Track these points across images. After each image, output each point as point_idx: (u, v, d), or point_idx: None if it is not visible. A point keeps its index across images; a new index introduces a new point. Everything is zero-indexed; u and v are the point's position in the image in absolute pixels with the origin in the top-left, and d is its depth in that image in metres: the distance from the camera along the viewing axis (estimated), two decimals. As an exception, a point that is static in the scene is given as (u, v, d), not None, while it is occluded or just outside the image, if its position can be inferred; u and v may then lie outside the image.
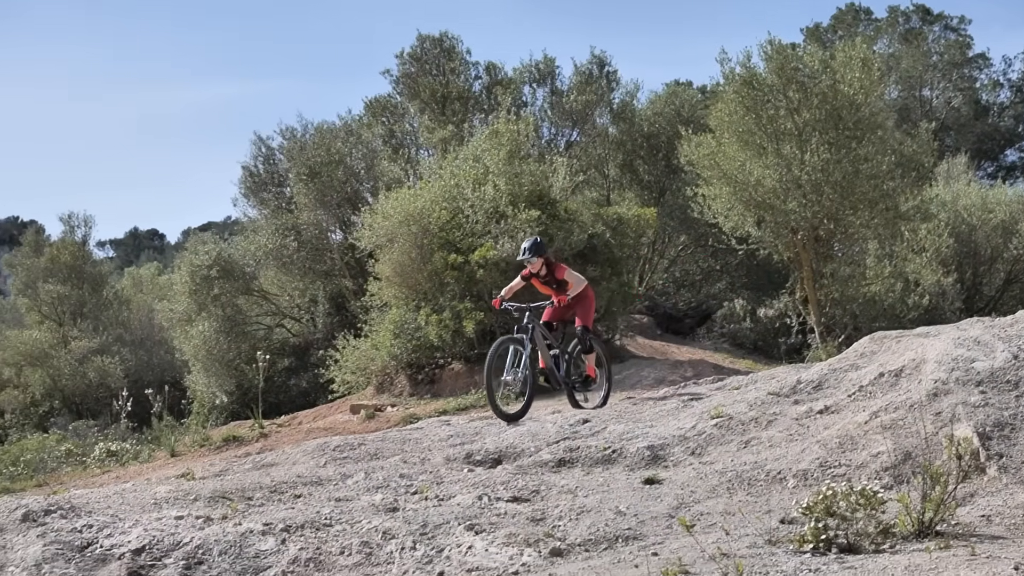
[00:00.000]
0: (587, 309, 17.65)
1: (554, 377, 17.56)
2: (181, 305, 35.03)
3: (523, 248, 17.39)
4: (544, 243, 17.81)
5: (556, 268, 17.47)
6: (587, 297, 17.72)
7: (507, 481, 12.15)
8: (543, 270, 17.45)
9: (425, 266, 25.15)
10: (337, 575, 9.45)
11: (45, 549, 10.64)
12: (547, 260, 17.51)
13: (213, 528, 10.69)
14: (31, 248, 48.52)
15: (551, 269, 17.46)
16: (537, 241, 17.43)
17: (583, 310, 17.53)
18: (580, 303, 17.51)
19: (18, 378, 44.22)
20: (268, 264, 33.56)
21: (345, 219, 33.39)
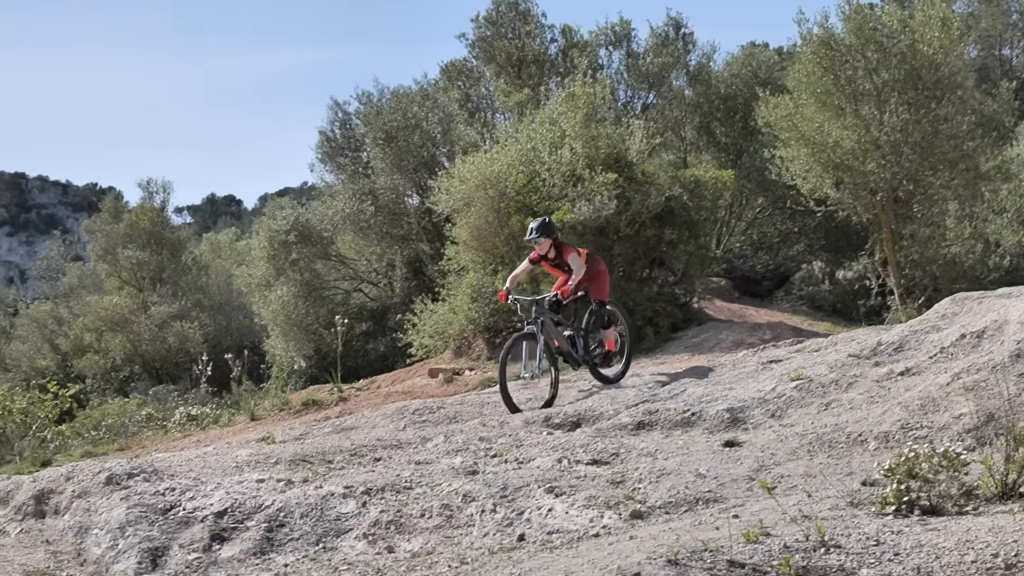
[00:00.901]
0: (600, 284, 17.07)
1: (572, 358, 17.09)
2: (259, 270, 35.14)
3: (531, 228, 16.95)
4: (553, 223, 17.38)
5: (564, 250, 16.93)
6: (599, 272, 17.13)
7: (586, 444, 12.15)
8: (551, 252, 16.90)
9: (502, 230, 25.10)
10: (418, 537, 9.50)
11: (129, 512, 10.76)
12: (556, 241, 16.96)
13: (294, 491, 10.78)
14: (110, 214, 48.76)
15: (560, 251, 16.91)
16: (546, 221, 17.01)
17: (596, 285, 16.98)
18: (592, 279, 16.93)
19: (99, 343, 44.54)
20: (345, 229, 33.59)
21: (421, 183, 33.40)
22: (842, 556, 7.05)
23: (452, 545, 9.22)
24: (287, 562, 9.41)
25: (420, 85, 37.05)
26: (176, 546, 10.13)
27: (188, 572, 9.68)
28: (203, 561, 9.83)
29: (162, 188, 48.29)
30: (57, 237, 73.78)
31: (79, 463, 13.28)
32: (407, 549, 9.28)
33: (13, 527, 11.65)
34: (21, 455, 21.41)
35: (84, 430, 24.37)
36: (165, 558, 9.99)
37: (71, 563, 10.37)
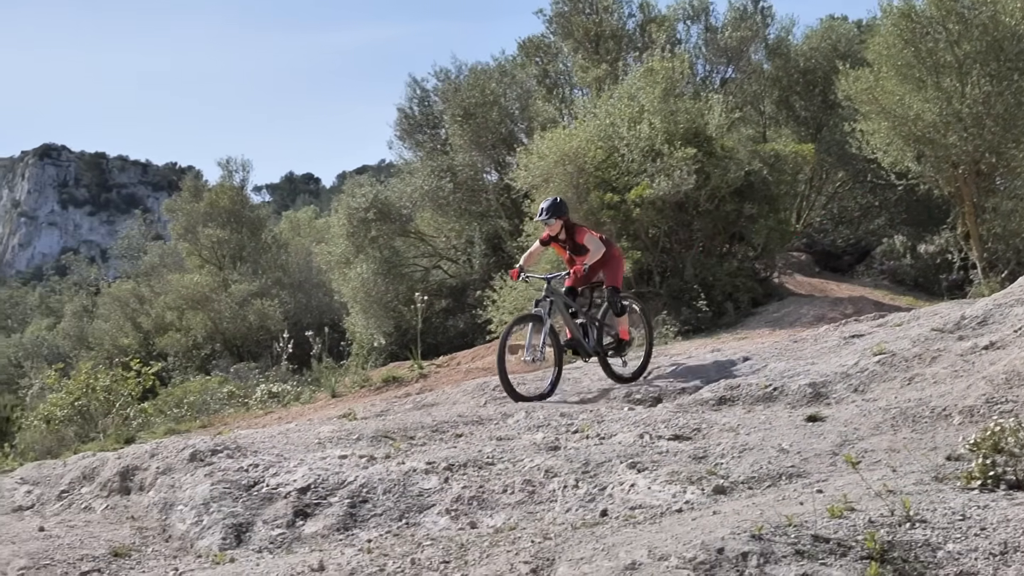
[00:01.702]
0: (614, 270, 16.24)
1: (582, 348, 16.01)
2: (339, 248, 35.29)
3: (541, 209, 16.16)
4: (564, 204, 16.35)
5: (577, 231, 16.07)
6: (613, 257, 16.24)
7: (668, 419, 12.12)
8: (562, 233, 16.07)
9: (581, 205, 25.07)
10: (500, 513, 9.51)
11: (213, 488, 10.82)
12: (567, 222, 16.11)
13: (377, 467, 10.81)
14: (190, 193, 49.11)
15: (571, 232, 16.07)
16: (556, 201, 16.12)
17: (610, 271, 16.16)
18: (606, 264, 16.09)
19: (180, 321, 44.90)
20: (424, 206, 33.68)
21: (500, 160, 33.41)
22: (927, 531, 6.99)
23: (535, 520, 9.22)
24: (370, 537, 9.44)
25: (498, 62, 37.08)
26: (260, 522, 10.19)
27: (272, 548, 9.74)
28: (287, 537, 9.88)
29: (241, 167, 48.62)
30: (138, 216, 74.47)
31: (163, 440, 13.38)
32: (490, 524, 9.30)
33: (99, 503, 11.76)
34: (105, 432, 21.64)
35: (166, 408, 24.58)
36: (249, 534, 10.05)
37: (156, 539, 10.45)
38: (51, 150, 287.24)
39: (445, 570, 7.97)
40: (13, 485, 12.77)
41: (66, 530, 10.78)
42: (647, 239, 25.17)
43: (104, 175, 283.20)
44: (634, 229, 24.95)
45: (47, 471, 13.07)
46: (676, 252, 25.73)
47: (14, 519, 11.74)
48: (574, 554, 7.77)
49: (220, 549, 9.75)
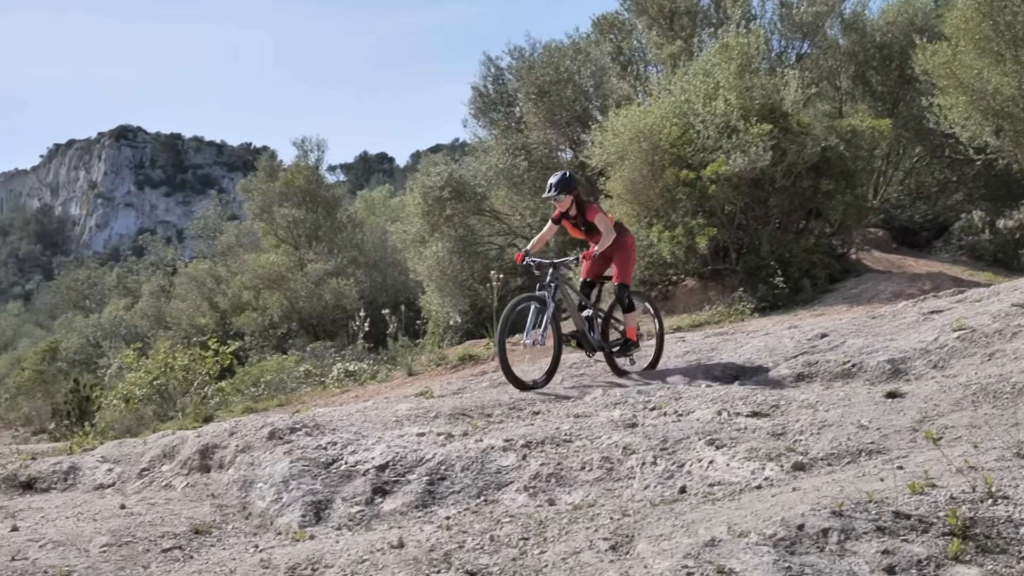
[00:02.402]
0: (625, 261, 15.44)
1: (586, 341, 15.22)
2: (414, 226, 35.33)
3: (549, 184, 15.20)
4: (574, 178, 15.34)
5: (587, 208, 15.31)
6: (626, 247, 15.44)
7: (745, 396, 12.08)
8: (573, 209, 15.25)
9: (656, 183, 25.02)
10: (579, 490, 9.51)
11: (292, 465, 10.89)
12: (578, 198, 15.27)
13: (454, 444, 10.84)
14: (266, 173, 49.28)
15: (582, 209, 15.29)
16: (565, 176, 15.18)
17: (621, 263, 15.38)
18: (618, 254, 15.36)
19: (256, 301, 45.14)
20: (499, 184, 33.65)
21: (575, 137, 33.34)
22: (1010, 507, 6.95)
23: (613, 497, 9.22)
24: (449, 515, 9.47)
25: (572, 39, 36.95)
26: (339, 499, 10.24)
27: (351, 525, 9.78)
28: (366, 514, 9.92)
29: (316, 146, 48.75)
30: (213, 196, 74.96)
31: (241, 418, 13.47)
32: (568, 501, 9.30)
33: (179, 481, 11.84)
34: (183, 411, 21.82)
35: (243, 386, 24.73)
36: (328, 511, 10.10)
37: (236, 516, 10.51)
38: (127, 131, 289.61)
39: (524, 547, 7.98)
40: (94, 463, 12.89)
41: (147, 508, 10.87)
42: (723, 216, 25.07)
43: (179, 156, 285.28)
44: (710, 206, 24.86)
45: (127, 449, 13.18)
46: (752, 229, 25.61)
47: (95, 497, 11.85)
48: (653, 531, 7.76)
49: (299, 526, 9.81)
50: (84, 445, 14.74)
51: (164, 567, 9.04)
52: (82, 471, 12.83)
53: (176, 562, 9.16)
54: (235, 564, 8.60)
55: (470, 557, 7.89)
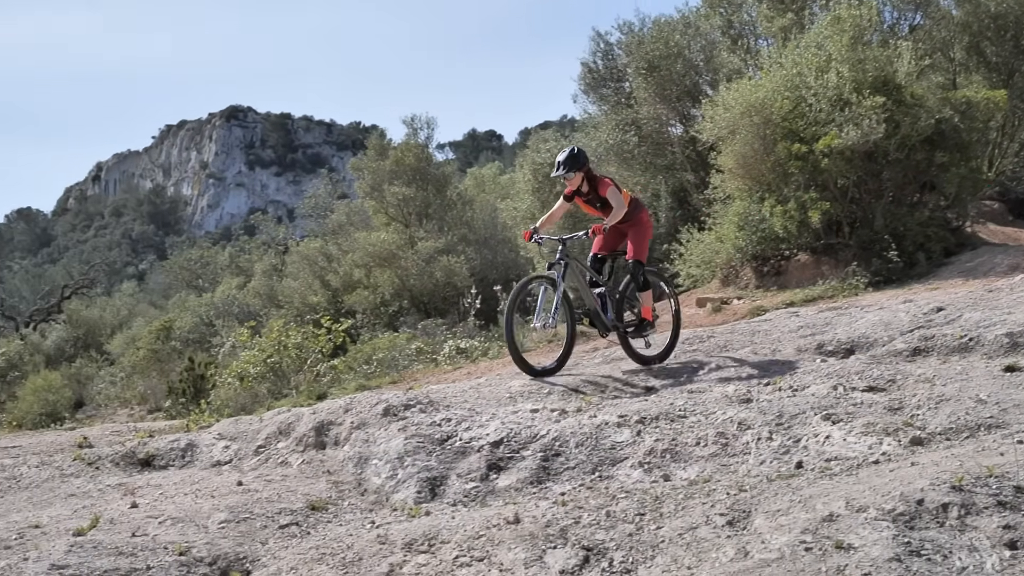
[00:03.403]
0: (641, 238, 14.70)
1: (600, 321, 14.56)
2: (524, 203, 35.35)
3: (557, 162, 14.48)
4: (583, 153, 14.54)
5: (600, 184, 14.51)
6: (641, 223, 14.76)
7: (861, 371, 11.99)
8: (584, 185, 14.51)
9: (768, 157, 24.85)
10: (694, 465, 9.49)
11: (407, 442, 10.94)
12: (589, 173, 14.50)
13: (568, 421, 10.85)
14: (376, 152, 49.33)
15: (594, 185, 14.52)
16: (573, 152, 14.43)
17: (636, 239, 14.64)
18: (633, 230, 14.66)
19: (368, 279, 45.28)
20: (609, 160, 33.50)
21: (685, 112, 33.17)
22: None
23: (729, 473, 9.19)
24: (564, 491, 9.48)
25: (681, 13, 36.68)
26: (454, 475, 10.28)
27: (466, 501, 9.81)
28: (481, 490, 9.95)
29: (426, 124, 48.76)
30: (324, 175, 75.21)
31: (356, 395, 13.56)
32: (683, 477, 9.28)
33: (295, 458, 11.94)
34: (297, 389, 21.99)
35: (356, 364, 24.86)
36: (443, 487, 10.14)
37: (352, 493, 10.58)
38: (237, 112, 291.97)
39: (640, 522, 7.97)
40: (211, 440, 13.02)
41: (264, 484, 10.97)
42: (836, 189, 24.86)
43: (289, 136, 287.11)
44: (822, 179, 24.65)
45: (243, 427, 13.31)
46: (865, 202, 25.37)
47: (213, 474, 11.98)
48: (770, 506, 7.73)
49: (415, 502, 9.86)
50: (200, 423, 14.89)
51: (282, 543, 9.12)
52: (199, 448, 12.97)
53: (293, 538, 9.23)
54: (352, 540, 8.66)
55: (586, 533, 7.90)
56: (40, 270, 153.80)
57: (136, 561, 8.44)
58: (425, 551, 8.13)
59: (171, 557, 8.59)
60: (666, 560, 7.38)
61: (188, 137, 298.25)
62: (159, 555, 8.64)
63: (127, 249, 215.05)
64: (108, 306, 74.46)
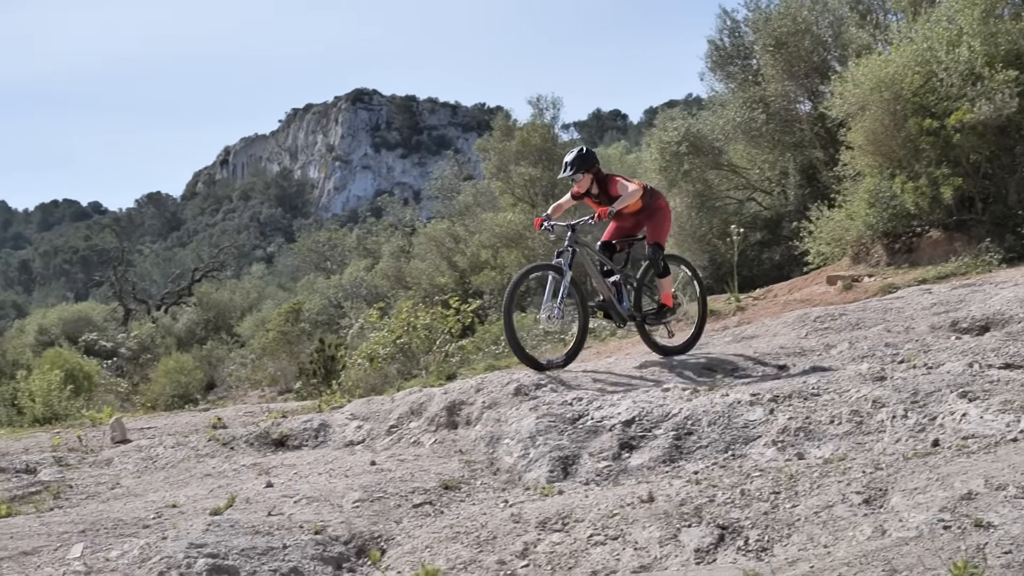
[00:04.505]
0: (659, 223, 14.19)
1: (614, 310, 14.03)
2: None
3: (564, 163, 13.93)
4: (592, 154, 14.06)
5: (610, 182, 13.93)
6: (659, 209, 14.23)
7: (997, 348, 11.85)
8: (594, 187, 13.93)
9: (899, 133, 24.55)
10: (828, 444, 9.43)
11: (538, 421, 10.97)
12: (598, 175, 13.93)
13: (700, 399, 10.82)
14: (502, 132, 49.38)
15: (604, 185, 13.93)
16: (582, 153, 13.95)
17: (654, 224, 14.12)
18: (651, 217, 14.11)
19: (495, 259, 45.35)
20: (737, 138, 33.26)
21: (813, 89, 32.85)
22: None
23: (863, 451, 9.12)
24: (696, 469, 9.46)
25: (809, -12, 36.47)
26: (586, 454, 10.30)
27: (599, 480, 9.83)
28: (613, 469, 9.96)
29: (552, 104, 48.70)
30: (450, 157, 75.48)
31: (487, 375, 13.59)
32: (818, 456, 9.23)
33: (427, 438, 12.02)
34: (427, 369, 22.09)
35: (484, 345, 24.93)
36: (575, 466, 10.17)
37: (484, 472, 10.64)
38: (363, 95, 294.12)
39: (775, 500, 7.95)
40: (344, 420, 13.15)
41: (396, 464, 11.07)
42: (968, 165, 24.50)
43: (415, 118, 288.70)
44: (954, 155, 24.31)
45: (375, 407, 13.41)
46: (998, 178, 24.98)
47: (346, 453, 12.11)
48: (907, 484, 7.67)
49: (548, 481, 9.89)
50: (332, 403, 15.03)
51: (416, 522, 9.18)
52: (332, 428, 13.10)
53: (427, 517, 9.30)
54: (486, 519, 8.70)
55: (721, 511, 7.88)
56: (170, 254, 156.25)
57: (272, 540, 8.54)
58: (559, 530, 8.16)
59: (307, 536, 8.69)
60: (802, 538, 7.35)
61: (314, 120, 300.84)
62: (295, 534, 8.74)
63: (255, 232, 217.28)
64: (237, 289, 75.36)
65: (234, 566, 7.95)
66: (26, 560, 8.51)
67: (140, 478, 11.86)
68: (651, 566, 7.47)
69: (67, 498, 11.07)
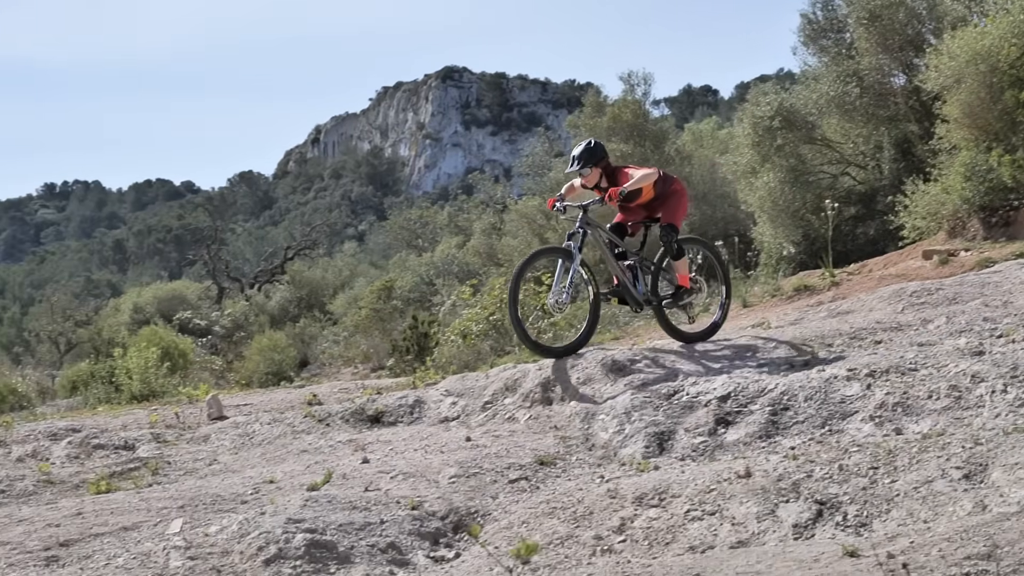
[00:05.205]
0: (674, 205, 13.66)
1: (629, 295, 13.54)
2: (744, 157, 34.99)
3: (572, 157, 13.58)
4: (600, 147, 13.54)
5: (620, 175, 13.33)
6: (674, 192, 13.71)
7: (1102, 322, 11.72)
8: (603, 180, 13.35)
9: (995, 105, 24.30)
10: (926, 419, 9.36)
11: (633, 397, 10.99)
12: (607, 168, 13.42)
13: (796, 375, 10.79)
14: (592, 109, 49.24)
15: (614, 178, 13.33)
16: (590, 147, 13.44)
17: (668, 206, 13.60)
18: (666, 200, 13.60)
19: (597, 236, 45.30)
20: (830, 112, 32.98)
21: (907, 62, 32.55)
22: None
23: (962, 426, 9.05)
24: (793, 445, 9.44)
25: (903, -39, 36.14)
26: (681, 430, 10.30)
27: (694, 455, 9.82)
28: (709, 444, 9.96)
29: (643, 80, 48.54)
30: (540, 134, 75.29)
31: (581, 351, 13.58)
32: (915, 431, 9.16)
33: (522, 414, 12.05)
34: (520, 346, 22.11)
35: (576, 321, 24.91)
36: (671, 442, 10.17)
37: (579, 448, 10.67)
38: (453, 72, 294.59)
39: (874, 476, 7.91)
40: (438, 397, 13.21)
41: (491, 440, 11.11)
42: (1066, 135, 24.28)
43: (504, 95, 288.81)
44: (1052, 128, 24.11)
45: (470, 383, 13.46)
46: (1097, 150, 24.73)
47: (441, 429, 12.17)
48: (1008, 459, 7.62)
49: (643, 457, 9.91)
50: (427, 380, 15.10)
51: (512, 497, 9.22)
52: (427, 405, 13.18)
53: (523, 492, 9.33)
54: (582, 494, 8.71)
55: (819, 487, 7.85)
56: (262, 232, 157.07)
57: (370, 515, 8.60)
58: (656, 505, 8.16)
59: (404, 511, 8.74)
60: (901, 513, 7.31)
61: (404, 98, 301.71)
62: (392, 509, 8.80)
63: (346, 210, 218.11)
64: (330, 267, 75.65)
65: (332, 541, 8.01)
66: (126, 535, 8.62)
67: (237, 454, 11.98)
68: (749, 541, 7.46)
69: (165, 474, 11.21)
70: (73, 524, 8.94)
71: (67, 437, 12.99)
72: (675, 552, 7.54)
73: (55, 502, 10.01)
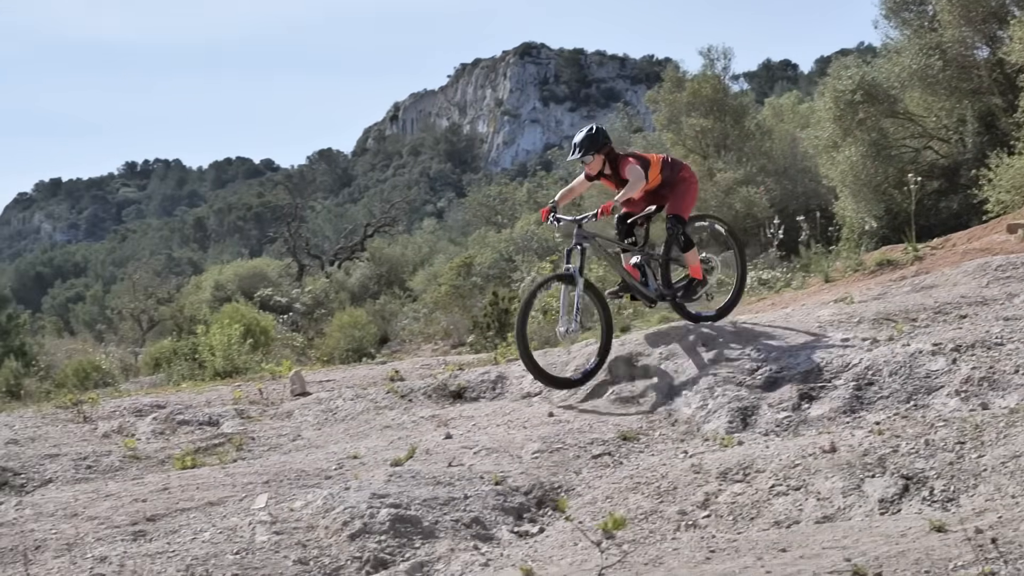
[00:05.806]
0: (681, 196, 13.33)
1: (641, 293, 13.33)
2: (826, 132, 34.77)
3: (573, 144, 13.26)
4: (602, 133, 13.22)
5: (621, 163, 12.97)
6: (682, 181, 13.40)
7: None
8: (607, 168, 13.10)
9: (1080, 77, 24.14)
10: (1013, 393, 9.30)
11: (716, 372, 11.00)
12: (610, 154, 13.13)
13: (880, 349, 10.72)
14: (672, 84, 49.10)
15: (617, 165, 13.05)
16: (591, 133, 13.12)
17: (676, 195, 13.23)
18: (673, 187, 13.24)
19: (666, 211, 45.20)
20: (912, 85, 32.72)
21: (991, 34, 32.25)
22: None
23: (1051, 401, 8.99)
24: (878, 420, 9.39)
25: (987, -68, 35.78)
26: (765, 405, 10.29)
27: (778, 431, 9.81)
28: (792, 420, 9.94)
29: (723, 55, 48.32)
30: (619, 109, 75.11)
31: (663, 326, 13.56)
32: (1003, 405, 9.10)
33: (604, 389, 12.04)
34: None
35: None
36: (754, 417, 10.16)
37: (662, 423, 10.67)
38: (531, 49, 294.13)
39: (961, 451, 7.86)
40: (520, 372, 13.23)
41: (574, 415, 11.15)
42: None
43: (583, 71, 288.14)
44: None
45: (552, 359, 13.47)
46: None
47: (523, 405, 12.19)
48: (1098, 434, 7.55)
49: (727, 432, 9.90)
50: (508, 355, 15.08)
51: (595, 472, 9.24)
52: (509, 380, 13.20)
53: (607, 467, 9.35)
54: (666, 469, 8.71)
55: (905, 461, 7.81)
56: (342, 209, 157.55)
57: (454, 490, 8.63)
58: (740, 480, 8.14)
59: (487, 487, 8.77)
60: (989, 489, 7.27)
61: (482, 75, 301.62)
62: (475, 484, 8.83)
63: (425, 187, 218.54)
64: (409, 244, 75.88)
65: (416, 516, 8.05)
66: (212, 510, 8.69)
67: (320, 430, 12.05)
68: (834, 516, 7.44)
69: (249, 449, 11.29)
70: (159, 499, 9.02)
71: (152, 413, 13.12)
72: (760, 527, 7.53)
73: (141, 477, 10.11)
